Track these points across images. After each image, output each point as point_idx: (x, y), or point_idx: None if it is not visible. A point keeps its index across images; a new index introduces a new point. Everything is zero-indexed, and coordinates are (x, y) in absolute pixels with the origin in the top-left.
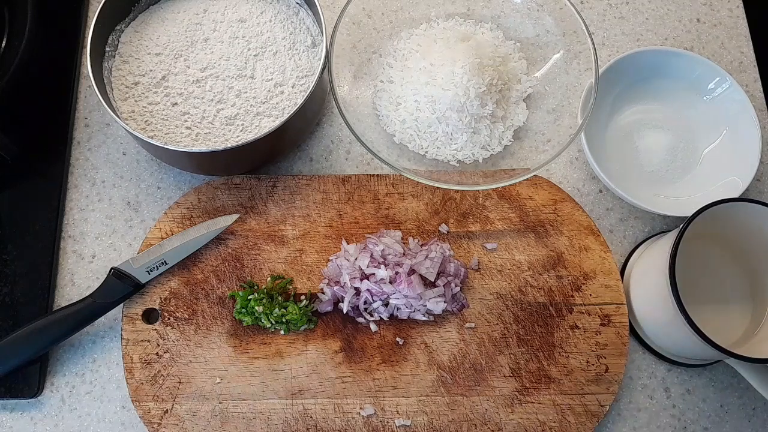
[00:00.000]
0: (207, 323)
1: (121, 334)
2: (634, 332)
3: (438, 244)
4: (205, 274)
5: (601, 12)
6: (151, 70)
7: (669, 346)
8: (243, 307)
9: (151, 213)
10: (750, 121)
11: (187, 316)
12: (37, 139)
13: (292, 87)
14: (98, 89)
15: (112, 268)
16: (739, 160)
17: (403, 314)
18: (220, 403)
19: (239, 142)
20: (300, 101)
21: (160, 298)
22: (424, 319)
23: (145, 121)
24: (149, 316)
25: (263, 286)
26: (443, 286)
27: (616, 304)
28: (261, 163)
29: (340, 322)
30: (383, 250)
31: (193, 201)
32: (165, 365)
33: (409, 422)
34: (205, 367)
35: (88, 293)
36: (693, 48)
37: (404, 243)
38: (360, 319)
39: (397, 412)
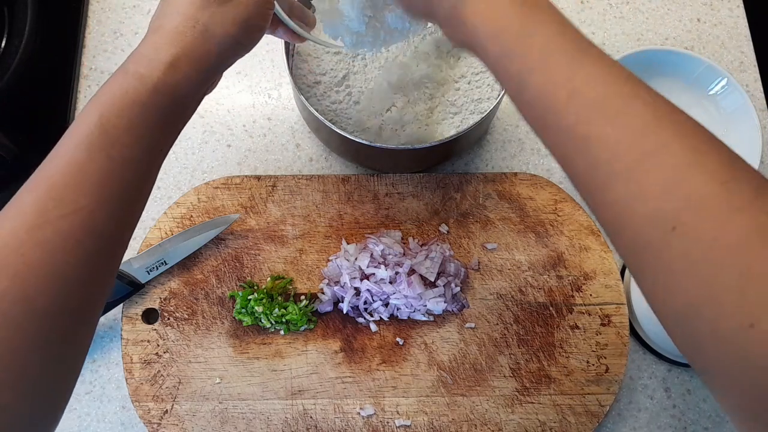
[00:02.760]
0: (207, 323)
1: (121, 335)
2: (634, 332)
3: (438, 244)
4: (205, 274)
5: (601, 12)
6: (332, 69)
7: (669, 346)
8: (243, 307)
9: (151, 213)
10: (750, 120)
11: (187, 316)
12: (37, 139)
13: (468, 83)
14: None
15: None
16: None
17: (403, 314)
18: (220, 403)
19: (447, 136)
20: (487, 97)
21: (160, 298)
22: (424, 319)
23: (331, 120)
24: (149, 316)
25: (263, 286)
26: (443, 286)
27: (617, 304)
28: (437, 162)
29: (340, 322)
30: (383, 250)
31: (192, 201)
32: (165, 365)
33: (409, 422)
34: (205, 367)
35: None
36: (693, 48)
37: (404, 243)
38: (360, 319)
39: (397, 412)
